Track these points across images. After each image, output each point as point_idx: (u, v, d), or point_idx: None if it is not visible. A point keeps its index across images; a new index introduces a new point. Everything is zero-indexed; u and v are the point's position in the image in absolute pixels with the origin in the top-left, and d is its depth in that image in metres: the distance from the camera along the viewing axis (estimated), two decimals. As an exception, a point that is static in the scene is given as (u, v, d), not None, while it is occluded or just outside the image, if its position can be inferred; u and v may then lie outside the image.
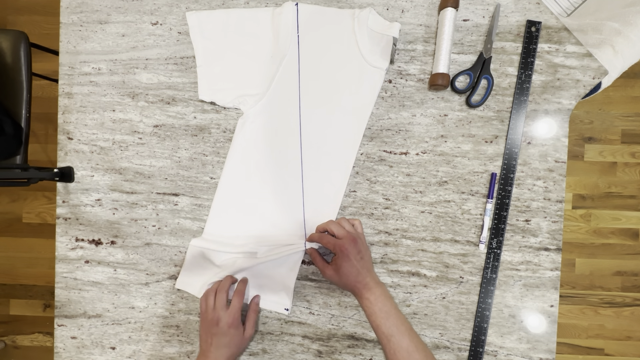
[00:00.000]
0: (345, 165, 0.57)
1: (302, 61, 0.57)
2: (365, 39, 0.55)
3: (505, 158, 0.56)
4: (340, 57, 0.56)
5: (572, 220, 1.31)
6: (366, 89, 0.56)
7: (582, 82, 0.56)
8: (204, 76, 0.58)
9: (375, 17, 0.56)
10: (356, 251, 0.51)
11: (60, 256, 0.60)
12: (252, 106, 0.57)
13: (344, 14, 0.57)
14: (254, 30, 0.57)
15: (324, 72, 0.57)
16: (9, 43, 0.86)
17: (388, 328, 0.48)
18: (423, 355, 0.47)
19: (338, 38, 0.56)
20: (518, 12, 0.56)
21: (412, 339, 0.48)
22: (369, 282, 0.51)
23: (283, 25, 0.56)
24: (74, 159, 0.60)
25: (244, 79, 0.58)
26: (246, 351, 0.58)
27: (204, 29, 0.58)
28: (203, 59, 0.58)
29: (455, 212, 0.57)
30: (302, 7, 0.57)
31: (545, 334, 0.56)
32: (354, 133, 0.57)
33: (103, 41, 0.60)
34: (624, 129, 1.29)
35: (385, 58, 0.55)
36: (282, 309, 0.57)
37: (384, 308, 0.49)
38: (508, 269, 0.56)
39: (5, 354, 1.41)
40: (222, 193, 0.58)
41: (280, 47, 0.56)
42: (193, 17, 0.58)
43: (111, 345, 0.60)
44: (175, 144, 0.59)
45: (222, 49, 0.58)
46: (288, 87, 0.57)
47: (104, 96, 0.60)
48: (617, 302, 1.31)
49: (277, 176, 0.57)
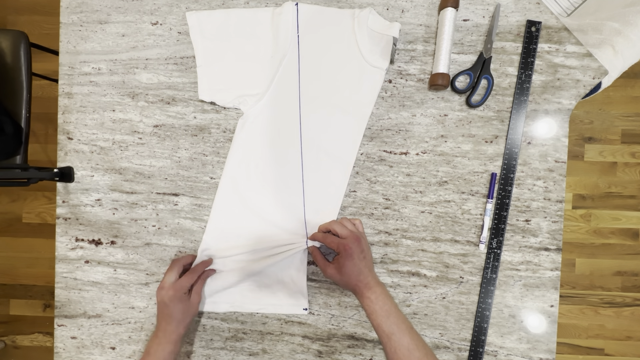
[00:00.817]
0: (345, 165, 0.57)
1: (302, 61, 0.57)
2: (365, 38, 0.55)
3: (505, 158, 0.56)
4: (341, 57, 0.56)
5: (572, 220, 1.31)
6: (366, 89, 0.56)
7: (582, 82, 0.56)
8: (203, 76, 0.58)
9: (375, 17, 0.56)
10: (359, 250, 0.51)
11: (60, 256, 0.60)
12: (252, 106, 0.57)
13: (344, 14, 0.57)
14: (254, 31, 0.57)
15: (324, 72, 0.57)
16: (9, 43, 0.86)
17: (389, 326, 0.48)
18: (423, 353, 0.47)
19: (338, 38, 0.56)
20: (518, 12, 0.56)
21: (413, 337, 0.48)
22: (370, 281, 0.51)
23: (283, 25, 0.56)
24: (74, 159, 0.60)
25: (243, 79, 0.58)
26: (246, 351, 0.58)
27: (204, 29, 0.58)
28: (203, 59, 0.58)
29: (455, 212, 0.57)
30: (302, 7, 0.57)
31: (545, 334, 0.56)
32: (354, 133, 0.57)
33: (103, 41, 0.60)
34: (624, 129, 1.29)
35: (385, 58, 0.55)
36: (301, 310, 0.58)
37: (385, 307, 0.49)
38: (508, 269, 0.56)
39: (5, 354, 1.41)
40: (222, 193, 0.58)
41: (280, 47, 0.56)
42: (193, 17, 0.58)
43: (111, 345, 0.60)
44: (175, 144, 0.59)
45: (222, 49, 0.58)
46: (288, 87, 0.57)
47: (104, 96, 0.60)
48: (617, 302, 1.31)
49: (277, 176, 0.57)
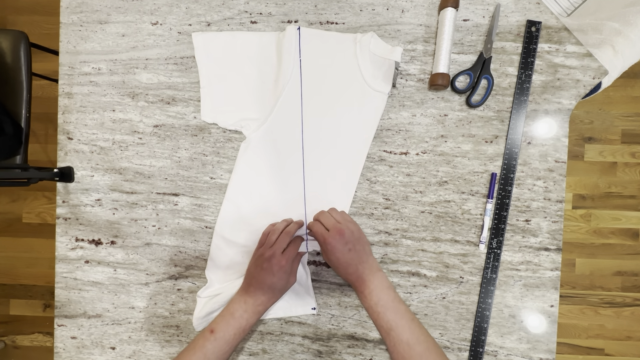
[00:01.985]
0: (348, 189, 0.57)
1: (304, 86, 0.57)
2: (368, 63, 0.55)
3: (505, 158, 0.56)
4: (343, 82, 0.56)
5: (572, 220, 1.31)
6: (369, 113, 0.56)
7: (582, 82, 0.56)
8: (207, 98, 0.58)
9: (377, 41, 0.56)
10: (342, 243, 0.49)
11: (60, 256, 0.60)
12: (254, 130, 0.57)
13: (345, 38, 0.56)
14: (259, 54, 0.57)
15: (326, 97, 0.57)
16: (9, 43, 0.86)
17: (386, 322, 0.47)
18: (425, 347, 0.45)
19: (340, 62, 0.56)
20: (518, 12, 0.56)
21: (413, 331, 0.46)
22: (362, 275, 0.49)
23: (286, 50, 0.56)
24: (74, 159, 0.60)
25: (246, 102, 0.58)
26: (246, 351, 0.58)
27: (210, 50, 0.58)
28: (207, 80, 0.58)
29: (455, 212, 0.57)
30: (304, 31, 0.56)
31: (546, 334, 0.56)
32: (357, 157, 0.57)
33: (103, 41, 0.60)
34: (624, 129, 1.29)
35: (388, 82, 0.55)
36: (310, 310, 0.57)
37: (380, 302, 0.48)
38: (508, 269, 0.56)
39: (5, 354, 1.41)
40: (224, 219, 0.58)
41: (284, 71, 0.56)
42: (199, 38, 0.58)
43: (111, 345, 0.60)
44: (175, 144, 0.59)
45: (226, 71, 0.58)
46: (291, 111, 0.57)
47: (104, 96, 0.60)
48: (617, 302, 1.31)
49: (280, 202, 0.57)
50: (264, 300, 0.51)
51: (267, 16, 0.58)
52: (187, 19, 0.59)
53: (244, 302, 0.50)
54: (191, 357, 0.48)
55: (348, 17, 0.57)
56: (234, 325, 0.49)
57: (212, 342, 0.48)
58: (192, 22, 0.59)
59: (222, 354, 0.48)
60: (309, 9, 0.58)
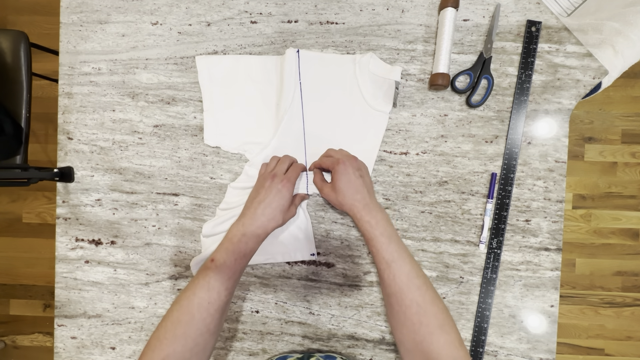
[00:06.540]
0: None
1: (306, 108, 0.57)
2: (368, 83, 0.56)
3: (505, 158, 0.56)
4: (344, 103, 0.56)
5: (572, 220, 1.31)
6: (370, 133, 0.56)
7: (582, 82, 0.56)
8: (210, 121, 0.58)
9: (377, 61, 0.56)
10: (355, 167, 0.50)
11: (60, 256, 0.60)
12: (257, 154, 0.57)
13: (345, 59, 0.57)
14: (262, 78, 0.58)
15: (327, 118, 0.57)
16: (9, 43, 0.86)
17: (390, 253, 0.45)
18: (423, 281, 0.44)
19: (340, 83, 0.56)
20: (518, 12, 0.56)
21: (414, 265, 0.45)
22: (369, 204, 0.48)
23: (287, 73, 0.56)
24: (74, 159, 0.60)
25: (249, 126, 0.58)
26: (246, 351, 0.58)
27: (212, 74, 0.58)
28: (210, 104, 0.58)
29: (455, 212, 0.57)
30: (304, 54, 0.56)
31: (546, 334, 0.56)
32: None
33: (103, 41, 0.60)
34: (624, 129, 1.29)
35: (388, 102, 0.55)
36: (309, 256, 0.57)
37: (385, 233, 0.46)
38: (508, 269, 0.56)
39: (5, 354, 1.41)
40: None
41: (285, 94, 0.56)
42: (202, 62, 0.58)
43: (111, 345, 0.60)
44: (175, 144, 0.59)
45: (229, 95, 0.58)
46: (293, 134, 0.57)
47: (104, 96, 0.60)
48: (617, 302, 1.31)
49: (284, 226, 0.57)
50: (263, 222, 0.49)
51: (267, 16, 0.58)
52: (187, 19, 0.59)
53: (241, 225, 0.49)
54: (195, 285, 0.46)
55: (348, 17, 0.57)
56: (233, 250, 0.47)
57: (214, 269, 0.46)
58: (192, 22, 0.59)
59: (225, 279, 0.46)
60: (309, 9, 0.58)
